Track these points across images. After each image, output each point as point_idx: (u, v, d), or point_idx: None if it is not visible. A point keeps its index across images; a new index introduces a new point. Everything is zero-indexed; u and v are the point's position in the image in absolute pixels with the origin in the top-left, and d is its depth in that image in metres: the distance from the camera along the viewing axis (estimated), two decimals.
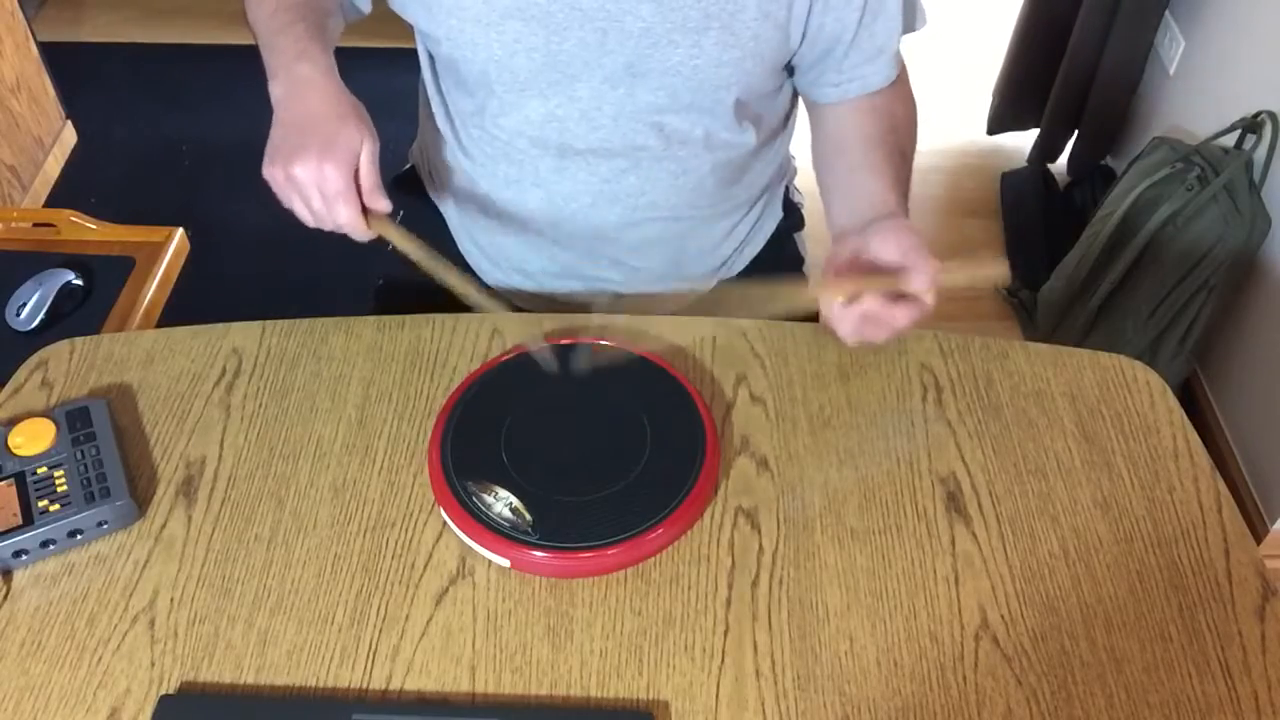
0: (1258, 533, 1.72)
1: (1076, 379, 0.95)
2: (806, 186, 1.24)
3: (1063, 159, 2.33)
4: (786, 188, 1.20)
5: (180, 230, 1.50)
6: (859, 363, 0.96)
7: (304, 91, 0.86)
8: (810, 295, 0.85)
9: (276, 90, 0.88)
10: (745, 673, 0.76)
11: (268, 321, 1.00)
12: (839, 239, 0.86)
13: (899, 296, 0.82)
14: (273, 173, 0.84)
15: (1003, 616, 0.79)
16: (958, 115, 2.49)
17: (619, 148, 0.97)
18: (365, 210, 0.87)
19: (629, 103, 0.94)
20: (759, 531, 0.84)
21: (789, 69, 1.01)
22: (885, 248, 0.83)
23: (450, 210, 1.15)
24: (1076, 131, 2.26)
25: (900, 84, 0.99)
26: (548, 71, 0.92)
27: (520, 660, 0.76)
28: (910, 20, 0.97)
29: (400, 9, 0.96)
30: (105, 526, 0.83)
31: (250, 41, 0.96)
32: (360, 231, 0.87)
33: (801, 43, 0.94)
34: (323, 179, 0.83)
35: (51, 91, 2.35)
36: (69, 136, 2.42)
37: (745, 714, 0.73)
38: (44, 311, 1.35)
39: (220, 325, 1.00)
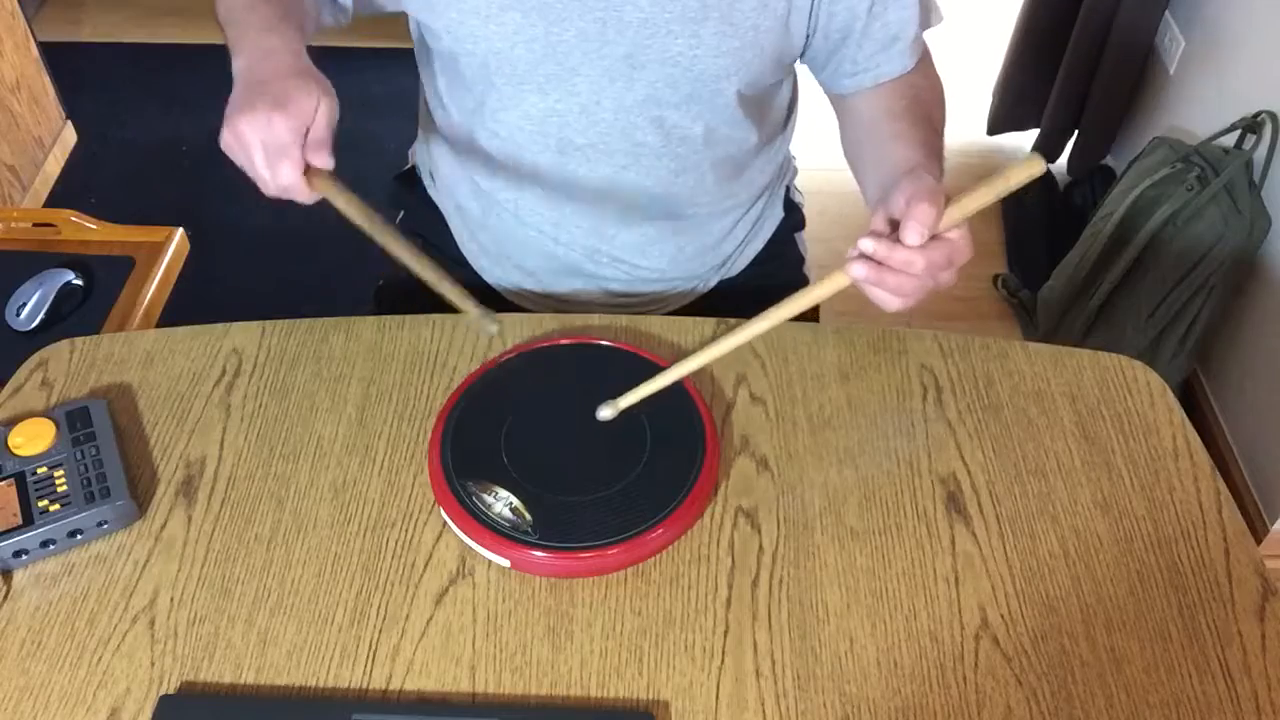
0: (1258, 533, 1.72)
1: (1076, 379, 0.95)
2: (807, 186, 1.24)
3: (1063, 159, 2.33)
4: (787, 187, 1.20)
5: (180, 230, 1.50)
6: (859, 363, 0.96)
7: (267, 60, 0.82)
8: (835, 281, 0.79)
9: (239, 63, 0.83)
10: (745, 673, 0.76)
11: (268, 321, 1.00)
12: (875, 210, 0.82)
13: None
14: (224, 136, 0.79)
15: (1003, 616, 0.79)
16: (958, 115, 2.49)
17: (619, 144, 0.97)
18: (309, 171, 0.80)
19: (628, 96, 0.94)
20: (759, 531, 0.84)
21: (796, 64, 1.01)
22: (898, 202, 0.78)
23: (450, 209, 1.15)
24: (1076, 131, 2.26)
25: (923, 65, 0.98)
26: (547, 63, 0.92)
27: (520, 660, 0.76)
28: (927, 15, 0.96)
29: (397, 3, 0.95)
30: (105, 526, 0.83)
31: None
32: (302, 194, 0.81)
33: (814, 35, 0.93)
34: (269, 133, 0.77)
35: (51, 91, 2.35)
36: (69, 136, 2.42)
37: (745, 714, 0.73)
38: (44, 311, 1.35)
39: (220, 325, 1.00)
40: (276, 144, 0.77)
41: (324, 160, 0.79)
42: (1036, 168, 0.75)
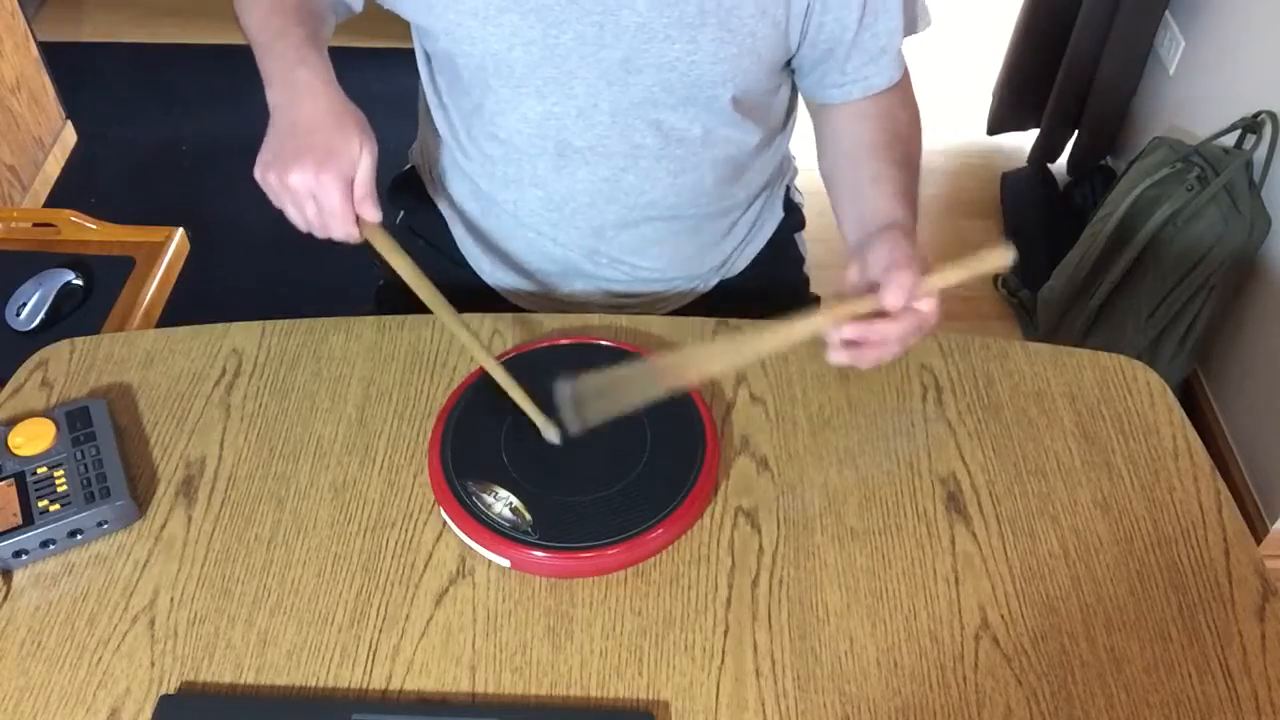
0: (1258, 533, 1.72)
1: (1076, 379, 0.95)
2: (807, 186, 1.24)
3: (1063, 159, 2.33)
4: (787, 187, 1.20)
5: (180, 230, 1.51)
6: None
7: (303, 98, 0.85)
8: (812, 324, 0.80)
9: (275, 97, 0.86)
10: (745, 672, 0.76)
11: (268, 321, 1.00)
12: (851, 258, 0.84)
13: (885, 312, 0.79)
14: (267, 177, 0.83)
15: (1003, 616, 0.79)
16: (958, 115, 2.49)
17: (617, 146, 0.97)
18: (357, 217, 0.86)
19: (625, 99, 0.94)
20: (759, 531, 0.84)
21: (791, 70, 1.01)
22: (876, 263, 0.81)
23: (450, 210, 1.15)
24: (1076, 131, 2.26)
25: (902, 87, 0.99)
26: (545, 66, 0.92)
27: (520, 660, 0.76)
28: (913, 22, 0.96)
29: (395, 6, 0.95)
30: (105, 526, 0.83)
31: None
32: (352, 240, 0.86)
33: (802, 43, 0.93)
34: (320, 189, 0.82)
35: (51, 91, 2.35)
36: (69, 136, 2.42)
37: (745, 714, 0.73)
38: (44, 311, 1.35)
39: (220, 325, 1.00)
40: (327, 201, 0.82)
41: (372, 213, 0.85)
42: (1006, 258, 0.80)
